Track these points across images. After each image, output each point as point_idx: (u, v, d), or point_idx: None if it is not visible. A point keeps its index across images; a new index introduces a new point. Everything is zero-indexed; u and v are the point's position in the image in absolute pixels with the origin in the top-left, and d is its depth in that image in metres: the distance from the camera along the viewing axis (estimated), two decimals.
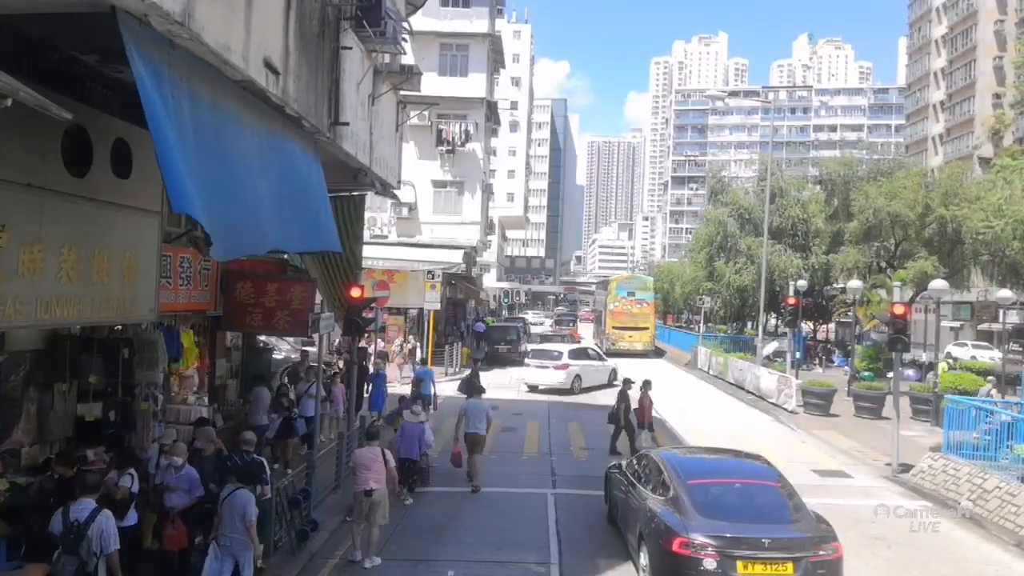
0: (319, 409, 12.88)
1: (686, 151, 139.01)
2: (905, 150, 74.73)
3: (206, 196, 5.96)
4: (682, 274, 52.48)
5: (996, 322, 40.06)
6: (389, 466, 9.94)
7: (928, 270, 28.49)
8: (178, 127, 5.68)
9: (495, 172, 67.16)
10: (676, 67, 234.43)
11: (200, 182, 5.89)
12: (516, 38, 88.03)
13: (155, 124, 5.28)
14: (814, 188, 40.29)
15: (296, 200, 8.63)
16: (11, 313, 6.44)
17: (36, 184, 6.63)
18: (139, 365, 9.97)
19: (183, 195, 5.41)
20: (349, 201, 12.80)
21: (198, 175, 5.88)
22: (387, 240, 33.39)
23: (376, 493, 9.49)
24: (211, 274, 11.96)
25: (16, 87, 4.48)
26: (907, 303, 19.03)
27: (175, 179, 5.36)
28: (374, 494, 9.47)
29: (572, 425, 19.70)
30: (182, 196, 5.40)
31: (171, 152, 5.37)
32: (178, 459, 8.20)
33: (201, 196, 5.83)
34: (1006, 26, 61.79)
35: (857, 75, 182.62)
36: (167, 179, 5.38)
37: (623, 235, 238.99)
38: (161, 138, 5.31)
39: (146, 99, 5.23)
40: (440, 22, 36.56)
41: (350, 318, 12.62)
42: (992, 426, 13.54)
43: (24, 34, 6.37)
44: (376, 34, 10.10)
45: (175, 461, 8.19)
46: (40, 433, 8.83)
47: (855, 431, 19.01)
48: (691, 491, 8.60)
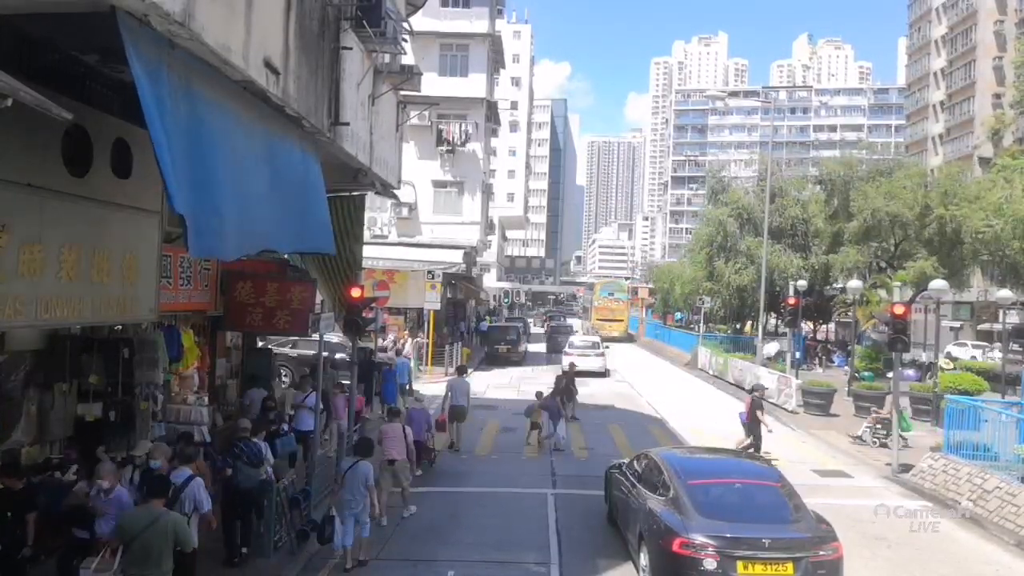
0: (318, 423, 12.47)
1: (686, 151, 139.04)
2: (905, 150, 74.73)
3: (199, 195, 5.96)
4: (682, 274, 52.37)
5: (996, 322, 40.07)
6: (408, 440, 11.69)
7: (928, 270, 28.48)
8: (175, 127, 5.67)
9: (495, 172, 67.20)
10: (676, 67, 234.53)
11: (195, 181, 5.89)
12: (516, 38, 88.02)
13: (153, 125, 5.27)
14: (814, 188, 40.23)
15: (293, 201, 8.62)
16: (11, 313, 6.44)
17: (36, 184, 6.62)
18: (139, 365, 9.96)
19: (181, 194, 5.42)
20: (349, 201, 12.79)
21: (193, 174, 5.89)
22: (387, 240, 33.36)
23: (398, 463, 11.38)
24: (211, 274, 11.96)
25: (16, 87, 4.48)
26: (907, 303, 19.04)
27: (174, 179, 5.36)
28: (396, 463, 11.36)
29: (572, 425, 19.69)
30: (180, 195, 5.41)
31: (169, 153, 5.36)
32: (105, 482, 7.27)
33: (194, 195, 5.84)
34: (1006, 26, 61.83)
35: (857, 75, 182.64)
36: (166, 179, 5.37)
37: (623, 235, 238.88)
38: (159, 139, 5.30)
39: (144, 100, 5.23)
40: (440, 22, 36.53)
41: (350, 318, 12.62)
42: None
43: (24, 34, 6.37)
44: (376, 34, 10.09)
45: (102, 484, 7.27)
46: (40, 433, 8.83)
47: (855, 431, 18.99)
48: (691, 491, 8.60)
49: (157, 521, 6.43)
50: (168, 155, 5.36)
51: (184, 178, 5.60)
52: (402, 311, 30.36)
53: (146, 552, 6.34)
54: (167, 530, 6.44)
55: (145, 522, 6.43)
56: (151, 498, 6.66)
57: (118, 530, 6.72)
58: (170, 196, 5.45)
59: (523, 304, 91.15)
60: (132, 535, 6.41)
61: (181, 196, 5.48)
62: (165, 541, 6.42)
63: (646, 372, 34.85)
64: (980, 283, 40.31)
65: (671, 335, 48.99)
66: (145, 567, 6.34)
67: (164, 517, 6.51)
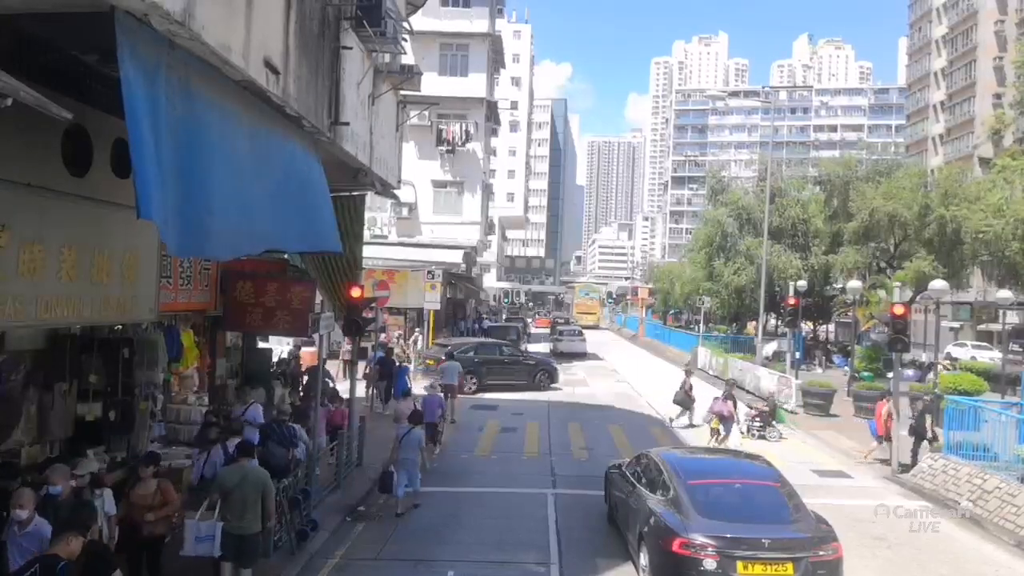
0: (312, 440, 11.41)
1: (686, 151, 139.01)
2: (905, 150, 74.74)
3: (193, 194, 5.87)
4: (682, 274, 52.44)
5: (996, 322, 40.05)
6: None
7: (927, 270, 28.47)
8: (164, 129, 5.54)
9: (495, 172, 67.23)
10: (676, 67, 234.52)
11: (190, 180, 5.81)
12: (516, 38, 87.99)
13: (133, 125, 5.10)
14: (814, 188, 40.25)
15: (296, 200, 8.61)
16: (11, 313, 6.44)
17: (36, 184, 6.63)
18: (139, 365, 9.97)
19: (149, 202, 5.10)
20: (349, 201, 12.78)
21: (188, 174, 5.80)
22: (387, 240, 33.38)
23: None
24: (211, 274, 11.96)
25: (16, 87, 4.48)
26: (907, 303, 19.04)
27: (145, 186, 5.09)
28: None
29: (572, 425, 19.70)
30: (148, 203, 5.09)
31: (147, 158, 5.15)
32: (22, 512, 6.07)
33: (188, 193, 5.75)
34: (1006, 26, 61.85)
35: (857, 75, 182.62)
36: (138, 184, 5.07)
37: (623, 235, 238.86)
38: (137, 140, 5.11)
39: (130, 100, 5.08)
40: (440, 22, 36.53)
41: (350, 318, 12.62)
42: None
43: (24, 34, 6.36)
44: (376, 34, 10.09)
45: (18, 515, 6.06)
46: (40, 433, 8.83)
47: (855, 431, 19.00)
48: (691, 491, 8.60)
49: (248, 475, 7.87)
50: (145, 158, 5.12)
51: (156, 186, 5.30)
52: (402, 311, 30.36)
53: (243, 501, 7.73)
54: (257, 481, 7.89)
55: (238, 477, 7.82)
56: (241, 457, 8.13)
57: (216, 485, 7.93)
58: (138, 198, 5.03)
59: (523, 304, 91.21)
60: (229, 488, 7.74)
61: (148, 204, 5.08)
62: (255, 491, 7.83)
63: (646, 372, 34.82)
64: (980, 283, 40.28)
65: (671, 335, 48.98)
66: (243, 516, 7.72)
67: (253, 472, 7.99)
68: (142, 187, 5.05)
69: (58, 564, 5.19)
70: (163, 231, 5.52)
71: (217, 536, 7.59)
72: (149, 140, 5.26)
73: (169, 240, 5.69)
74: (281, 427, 10.72)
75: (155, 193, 5.21)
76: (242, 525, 7.73)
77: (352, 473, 13.33)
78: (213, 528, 7.60)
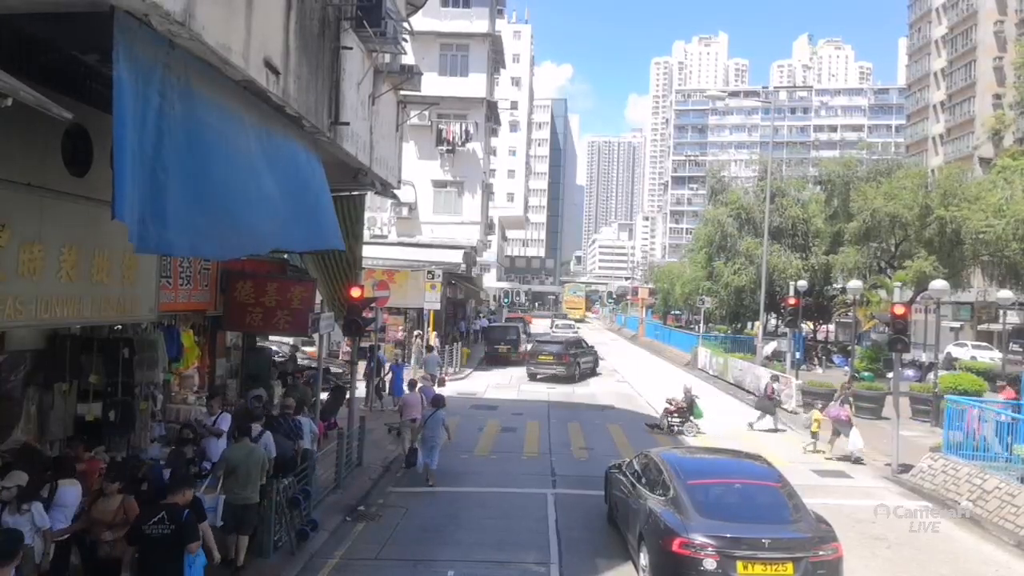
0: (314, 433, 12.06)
1: (686, 151, 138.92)
2: (905, 150, 74.70)
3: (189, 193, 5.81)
4: (682, 274, 52.41)
5: (996, 322, 40.04)
6: (424, 403, 14.38)
7: (928, 270, 28.45)
8: (163, 130, 5.47)
9: (495, 172, 67.17)
10: (676, 67, 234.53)
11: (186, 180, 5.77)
12: (516, 38, 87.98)
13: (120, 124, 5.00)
14: (814, 188, 40.24)
15: (297, 200, 8.61)
16: (11, 312, 6.44)
17: (36, 184, 6.63)
18: (139, 365, 9.97)
19: (123, 204, 4.94)
20: (349, 201, 12.79)
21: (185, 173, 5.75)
22: (387, 240, 33.35)
23: (418, 421, 14.18)
24: (211, 274, 11.97)
25: (16, 87, 4.48)
26: (907, 303, 19.01)
27: (122, 187, 4.96)
28: (417, 421, 14.21)
29: (572, 425, 19.70)
30: (122, 205, 4.92)
31: (128, 162, 5.05)
32: None
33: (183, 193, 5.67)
34: (1006, 27, 61.79)
35: (857, 75, 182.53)
36: (116, 186, 4.93)
37: (623, 235, 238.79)
38: (122, 146, 4.99)
39: (118, 105, 4.98)
40: (440, 22, 36.51)
41: (350, 318, 12.62)
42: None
43: (24, 34, 6.36)
44: (376, 34, 10.10)
45: None
46: (40, 433, 8.84)
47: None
48: (691, 491, 8.60)
49: (253, 452, 8.83)
50: (126, 163, 5.00)
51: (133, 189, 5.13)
52: (402, 311, 30.35)
53: (248, 475, 8.59)
54: (259, 458, 8.86)
55: (245, 453, 8.71)
56: (243, 437, 9.02)
57: (223, 461, 8.76)
58: (114, 199, 4.88)
59: (523, 304, 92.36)
60: (236, 464, 8.58)
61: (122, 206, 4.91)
62: (258, 466, 8.74)
63: (646, 372, 34.83)
64: (980, 283, 40.27)
65: (671, 335, 48.94)
66: (246, 487, 8.58)
67: (256, 449, 9.02)
68: (119, 189, 4.90)
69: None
70: (133, 233, 5.14)
71: (219, 509, 8.39)
72: (134, 145, 5.14)
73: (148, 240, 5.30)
74: (287, 420, 11.26)
75: (130, 195, 5.03)
76: (245, 495, 8.61)
77: (352, 473, 13.33)
78: (216, 501, 8.42)
